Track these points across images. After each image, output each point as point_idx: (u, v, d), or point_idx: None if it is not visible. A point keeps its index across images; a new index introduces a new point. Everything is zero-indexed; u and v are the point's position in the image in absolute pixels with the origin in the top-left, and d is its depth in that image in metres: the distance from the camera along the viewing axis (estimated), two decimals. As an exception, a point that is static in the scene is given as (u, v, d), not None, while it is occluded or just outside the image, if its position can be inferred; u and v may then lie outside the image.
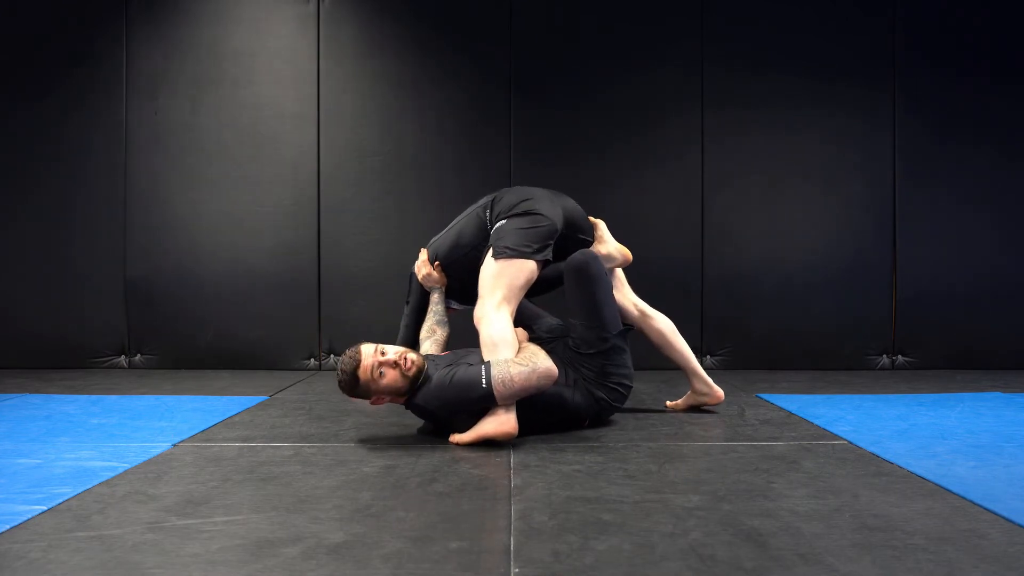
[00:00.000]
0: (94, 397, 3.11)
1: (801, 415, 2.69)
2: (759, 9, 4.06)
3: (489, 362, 2.17)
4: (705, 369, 2.95)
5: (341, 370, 2.23)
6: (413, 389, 2.25)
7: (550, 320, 2.65)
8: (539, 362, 2.16)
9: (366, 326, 3.77)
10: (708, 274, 4.05)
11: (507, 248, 2.39)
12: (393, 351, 2.23)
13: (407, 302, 2.94)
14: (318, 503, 1.65)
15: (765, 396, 3.11)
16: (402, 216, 4.00)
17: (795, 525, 1.50)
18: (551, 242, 2.46)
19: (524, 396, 2.17)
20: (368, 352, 2.21)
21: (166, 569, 1.28)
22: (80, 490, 1.74)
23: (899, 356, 4.06)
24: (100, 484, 1.80)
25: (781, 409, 2.82)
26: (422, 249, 2.85)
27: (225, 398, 3.07)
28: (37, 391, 3.26)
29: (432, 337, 2.70)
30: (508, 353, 2.20)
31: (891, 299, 4.06)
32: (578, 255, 2.46)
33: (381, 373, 2.19)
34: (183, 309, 4.01)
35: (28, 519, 1.53)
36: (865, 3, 4.06)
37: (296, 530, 1.47)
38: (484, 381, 2.12)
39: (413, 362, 2.23)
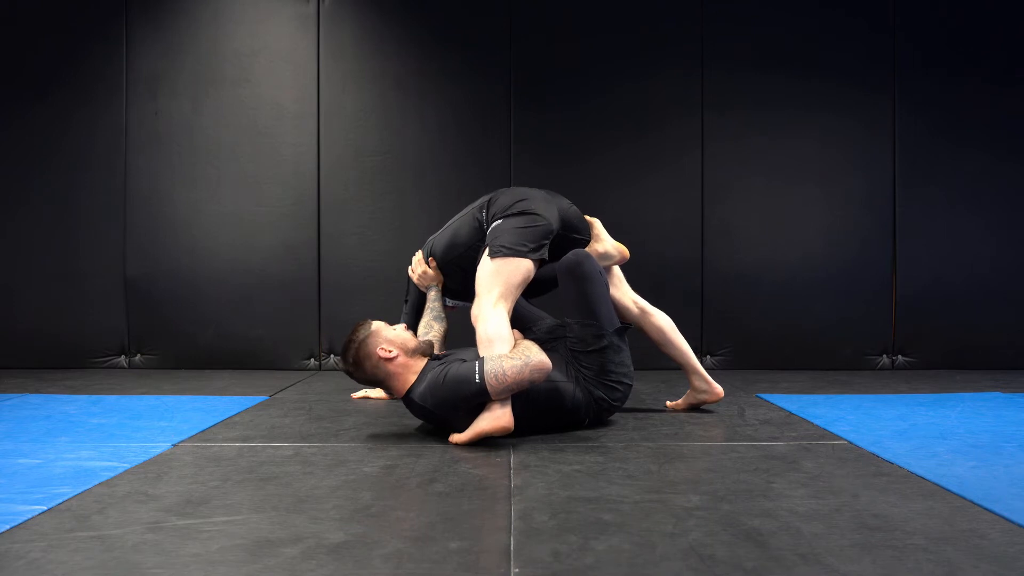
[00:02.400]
0: (94, 397, 3.11)
1: (801, 415, 2.69)
2: (759, 10, 4.06)
3: (483, 358, 2.18)
4: (705, 369, 2.95)
5: (351, 335, 2.34)
6: (416, 359, 2.32)
7: (550, 321, 2.66)
8: (532, 355, 2.17)
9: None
10: (708, 274, 4.05)
11: (503, 247, 2.40)
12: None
13: (405, 300, 2.96)
14: (318, 503, 1.65)
15: (765, 396, 3.11)
16: (402, 216, 4.00)
17: (795, 525, 1.50)
18: (547, 241, 2.47)
19: (518, 390, 2.17)
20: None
21: (166, 569, 1.28)
22: (80, 490, 1.74)
23: (899, 356, 4.06)
24: (100, 484, 1.79)
25: (781, 409, 2.82)
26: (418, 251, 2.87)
27: (225, 398, 3.07)
28: (37, 391, 3.26)
29: (430, 333, 2.71)
30: (504, 349, 2.22)
31: (891, 299, 4.06)
32: (571, 255, 2.47)
33: (392, 327, 2.37)
34: (183, 309, 4.01)
35: (28, 519, 1.53)
36: (865, 6, 4.06)
37: (296, 530, 1.47)
38: (478, 376, 2.13)
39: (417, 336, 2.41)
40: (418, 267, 2.81)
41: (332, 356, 4.01)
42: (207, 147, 4.02)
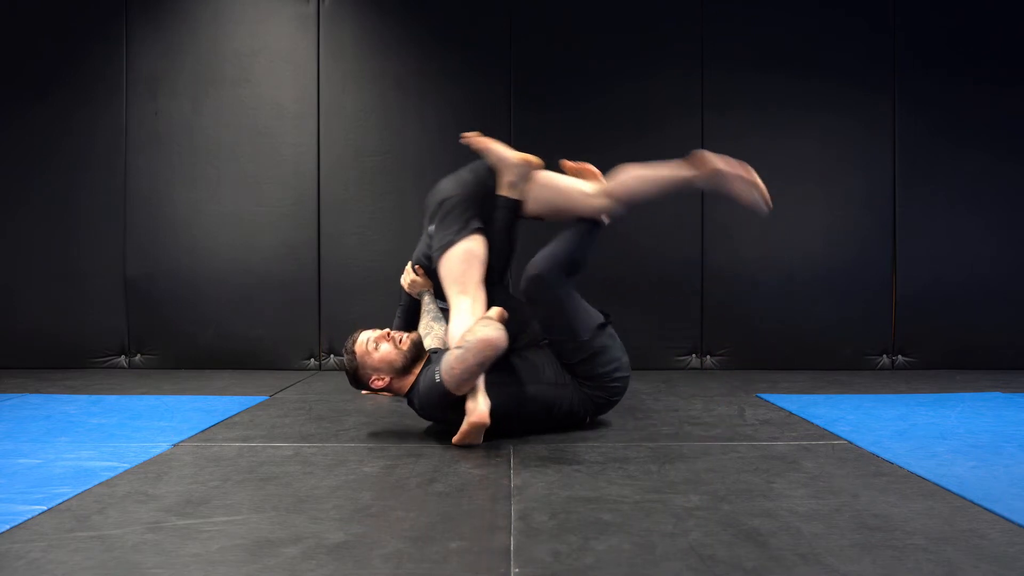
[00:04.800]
0: (94, 397, 3.11)
1: (801, 415, 2.69)
2: (759, 10, 4.05)
3: (441, 356, 2.22)
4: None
5: (343, 351, 2.36)
6: (410, 368, 2.31)
7: (536, 326, 2.64)
8: (473, 337, 2.11)
9: (366, 326, 3.76)
10: (708, 274, 4.05)
11: (439, 248, 2.47)
12: (385, 330, 2.37)
13: (400, 304, 2.96)
14: (318, 503, 1.65)
15: (765, 396, 3.11)
16: (402, 216, 4.00)
17: (795, 525, 1.50)
18: (468, 212, 2.49)
19: (474, 375, 2.12)
20: (364, 331, 2.37)
21: (166, 569, 1.28)
22: (80, 490, 1.74)
23: (899, 356, 4.06)
24: (100, 484, 1.80)
25: (781, 409, 2.82)
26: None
27: (225, 398, 3.07)
28: (37, 391, 3.26)
29: (431, 334, 2.70)
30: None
31: (891, 299, 4.06)
32: (523, 279, 2.41)
33: (375, 345, 2.30)
34: (183, 309, 4.01)
35: (28, 519, 1.53)
36: (865, 6, 4.06)
37: (296, 530, 1.47)
38: (438, 376, 2.16)
39: (407, 336, 2.34)
40: (406, 276, 2.82)
41: (332, 356, 4.01)
42: (207, 147, 4.02)
